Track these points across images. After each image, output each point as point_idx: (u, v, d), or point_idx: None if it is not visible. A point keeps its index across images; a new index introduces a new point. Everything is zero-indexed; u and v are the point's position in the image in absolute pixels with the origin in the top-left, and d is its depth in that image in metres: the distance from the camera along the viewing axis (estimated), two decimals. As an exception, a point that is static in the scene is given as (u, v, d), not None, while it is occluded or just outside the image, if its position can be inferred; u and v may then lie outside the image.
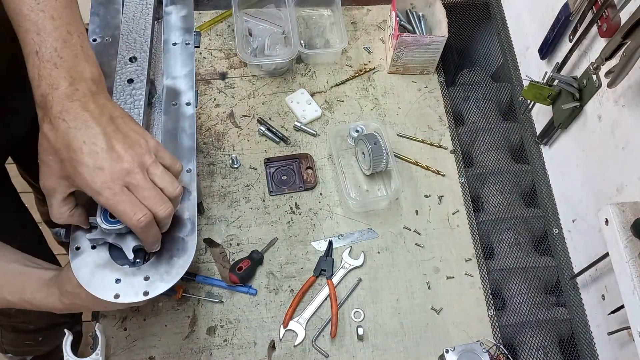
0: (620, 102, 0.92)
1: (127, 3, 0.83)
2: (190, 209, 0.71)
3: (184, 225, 0.70)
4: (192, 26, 0.86)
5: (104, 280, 0.66)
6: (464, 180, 1.19)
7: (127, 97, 0.75)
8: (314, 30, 1.34)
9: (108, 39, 0.80)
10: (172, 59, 0.83)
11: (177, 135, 0.77)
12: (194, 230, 0.70)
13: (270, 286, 1.06)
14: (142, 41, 0.79)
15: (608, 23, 0.90)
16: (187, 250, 0.68)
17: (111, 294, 0.65)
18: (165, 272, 0.67)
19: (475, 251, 1.12)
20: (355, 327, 1.03)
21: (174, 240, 0.69)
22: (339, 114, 1.25)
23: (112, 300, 0.65)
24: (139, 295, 0.65)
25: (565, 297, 1.09)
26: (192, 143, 0.76)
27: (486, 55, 1.42)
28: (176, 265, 0.67)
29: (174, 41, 0.85)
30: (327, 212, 1.14)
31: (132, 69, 0.77)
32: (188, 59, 0.83)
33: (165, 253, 0.68)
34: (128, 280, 0.66)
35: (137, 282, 0.66)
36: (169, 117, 0.78)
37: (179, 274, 0.67)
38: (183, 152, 0.75)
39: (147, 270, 0.67)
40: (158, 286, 0.66)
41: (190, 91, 0.81)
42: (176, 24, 0.86)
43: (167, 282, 0.67)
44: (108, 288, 0.65)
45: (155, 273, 0.67)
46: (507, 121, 1.28)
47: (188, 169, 0.74)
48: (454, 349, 0.94)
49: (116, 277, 0.66)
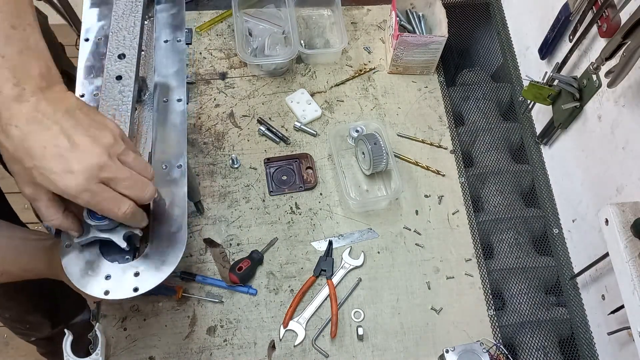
0: (620, 102, 0.92)
1: (117, 1, 0.83)
2: (181, 204, 0.71)
3: (173, 221, 0.70)
4: (182, 23, 0.87)
5: (94, 277, 0.66)
6: (464, 180, 1.19)
7: (115, 93, 0.75)
8: (314, 30, 1.34)
9: (100, 39, 0.80)
10: (163, 56, 0.83)
11: (168, 131, 0.77)
12: (184, 225, 0.70)
13: (270, 286, 1.06)
14: (131, 38, 0.80)
15: (608, 23, 0.90)
16: (177, 246, 0.68)
17: (101, 290, 0.65)
18: (155, 268, 0.67)
19: (475, 251, 1.12)
20: (355, 327, 1.03)
21: (164, 236, 0.69)
22: (339, 114, 1.25)
23: (102, 297, 0.65)
24: (129, 291, 0.65)
25: (565, 297, 1.09)
26: (183, 139, 0.76)
27: (486, 55, 1.42)
28: (167, 261, 0.67)
29: (164, 38, 0.85)
30: (327, 212, 1.14)
31: (121, 65, 0.77)
32: (178, 55, 0.83)
33: (155, 249, 0.68)
34: (118, 276, 0.66)
35: (127, 279, 0.66)
36: (160, 114, 0.78)
37: (169, 270, 0.67)
38: (174, 148, 0.75)
39: (137, 266, 0.67)
40: (148, 282, 0.66)
41: (181, 88, 0.81)
42: (167, 22, 0.87)
43: (157, 278, 0.66)
44: (98, 285, 0.65)
45: (146, 269, 0.67)
46: (507, 121, 1.28)
47: (179, 165, 0.74)
48: (454, 349, 0.94)
49: (106, 273, 0.66)
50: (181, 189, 0.72)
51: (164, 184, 0.72)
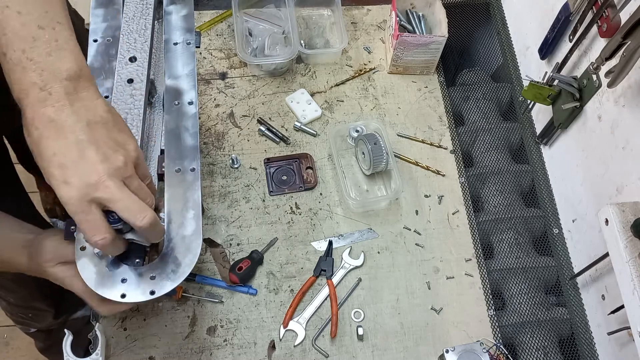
0: (620, 102, 0.92)
1: (128, 3, 0.83)
2: (195, 208, 0.71)
3: (188, 224, 0.70)
4: (192, 25, 0.87)
5: (110, 280, 0.66)
6: (464, 180, 1.19)
7: (127, 97, 0.75)
8: (314, 30, 1.34)
9: (109, 40, 0.80)
10: (174, 59, 0.83)
11: (180, 134, 0.77)
12: (198, 229, 0.70)
13: (270, 286, 1.06)
14: (142, 41, 0.80)
15: (608, 23, 0.90)
16: (193, 250, 0.69)
17: (118, 293, 0.65)
18: (172, 272, 0.67)
19: (475, 251, 1.12)
20: (355, 327, 1.03)
21: (179, 239, 0.69)
22: (339, 114, 1.25)
23: (119, 300, 0.65)
24: (145, 294, 0.66)
25: (565, 297, 1.09)
26: (196, 142, 0.76)
27: (486, 55, 1.42)
28: (182, 264, 0.68)
29: (175, 41, 0.85)
30: (327, 212, 1.14)
31: (132, 68, 0.77)
32: (189, 58, 0.83)
33: (170, 252, 0.68)
34: (134, 279, 0.66)
35: (144, 282, 0.66)
36: (171, 117, 0.78)
37: (184, 272, 0.68)
38: (186, 151, 0.76)
39: (153, 269, 0.68)
40: (164, 285, 0.66)
41: (193, 90, 0.81)
42: (177, 24, 0.86)
43: (174, 281, 0.67)
44: (114, 288, 0.66)
45: (161, 272, 0.67)
46: (507, 121, 1.28)
47: (192, 168, 0.74)
48: (454, 349, 0.94)
49: (122, 277, 0.66)
50: (195, 192, 0.72)
51: (177, 187, 0.72)
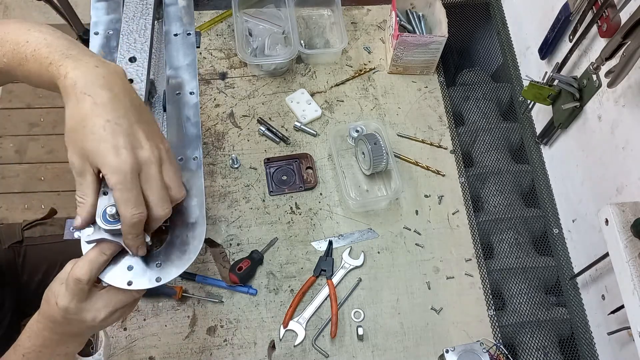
0: (620, 102, 0.92)
1: (127, 3, 0.83)
2: (199, 195, 0.72)
3: (192, 212, 0.71)
4: (192, 16, 0.87)
5: (116, 267, 0.66)
6: (464, 180, 1.19)
7: None
8: (314, 30, 1.34)
9: (110, 32, 0.81)
10: (174, 50, 0.84)
11: (182, 124, 0.77)
12: (202, 215, 0.71)
13: (270, 286, 1.06)
14: (142, 41, 0.80)
15: (608, 23, 0.90)
16: (197, 236, 0.69)
17: (124, 281, 0.66)
18: (177, 258, 0.68)
19: (475, 251, 1.12)
20: (355, 327, 1.03)
21: (184, 226, 0.70)
22: (339, 114, 1.25)
23: (125, 287, 0.65)
24: (152, 281, 0.66)
25: (565, 297, 1.09)
26: (197, 131, 0.77)
27: (486, 55, 1.42)
28: (187, 250, 0.68)
29: (175, 32, 0.85)
30: (327, 212, 1.14)
31: (132, 69, 0.77)
32: (189, 48, 0.84)
33: (175, 239, 0.69)
34: (140, 267, 0.67)
35: (150, 269, 0.67)
36: (173, 107, 0.79)
37: (190, 259, 0.68)
38: (189, 140, 0.76)
39: (158, 257, 0.68)
40: (170, 272, 0.67)
41: (193, 80, 0.81)
42: (176, 15, 0.87)
43: (179, 267, 0.67)
44: (121, 275, 0.66)
45: (167, 259, 0.68)
46: (507, 121, 1.28)
47: (194, 157, 0.75)
48: (454, 349, 0.94)
49: (128, 264, 0.67)
50: (198, 180, 0.73)
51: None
